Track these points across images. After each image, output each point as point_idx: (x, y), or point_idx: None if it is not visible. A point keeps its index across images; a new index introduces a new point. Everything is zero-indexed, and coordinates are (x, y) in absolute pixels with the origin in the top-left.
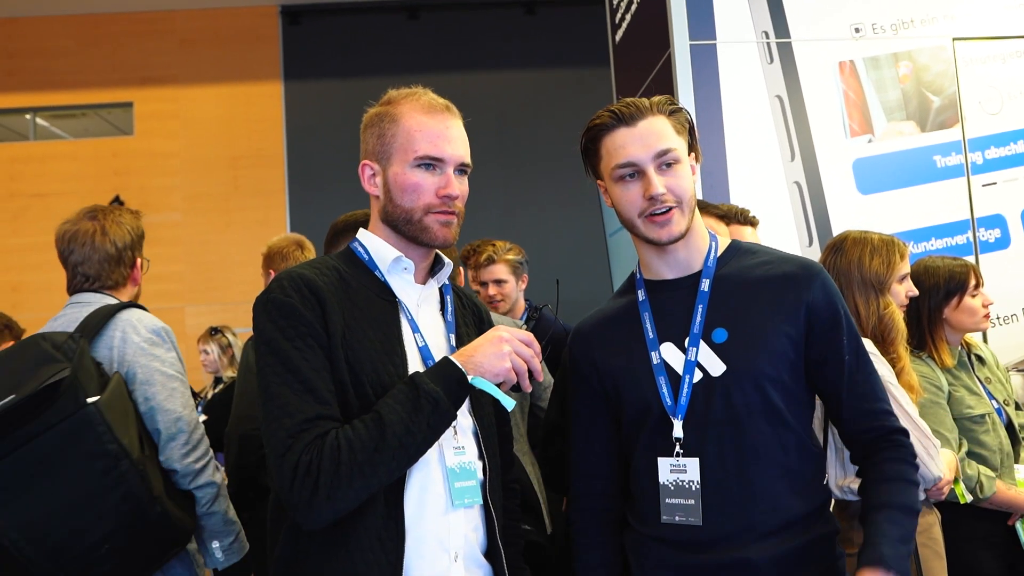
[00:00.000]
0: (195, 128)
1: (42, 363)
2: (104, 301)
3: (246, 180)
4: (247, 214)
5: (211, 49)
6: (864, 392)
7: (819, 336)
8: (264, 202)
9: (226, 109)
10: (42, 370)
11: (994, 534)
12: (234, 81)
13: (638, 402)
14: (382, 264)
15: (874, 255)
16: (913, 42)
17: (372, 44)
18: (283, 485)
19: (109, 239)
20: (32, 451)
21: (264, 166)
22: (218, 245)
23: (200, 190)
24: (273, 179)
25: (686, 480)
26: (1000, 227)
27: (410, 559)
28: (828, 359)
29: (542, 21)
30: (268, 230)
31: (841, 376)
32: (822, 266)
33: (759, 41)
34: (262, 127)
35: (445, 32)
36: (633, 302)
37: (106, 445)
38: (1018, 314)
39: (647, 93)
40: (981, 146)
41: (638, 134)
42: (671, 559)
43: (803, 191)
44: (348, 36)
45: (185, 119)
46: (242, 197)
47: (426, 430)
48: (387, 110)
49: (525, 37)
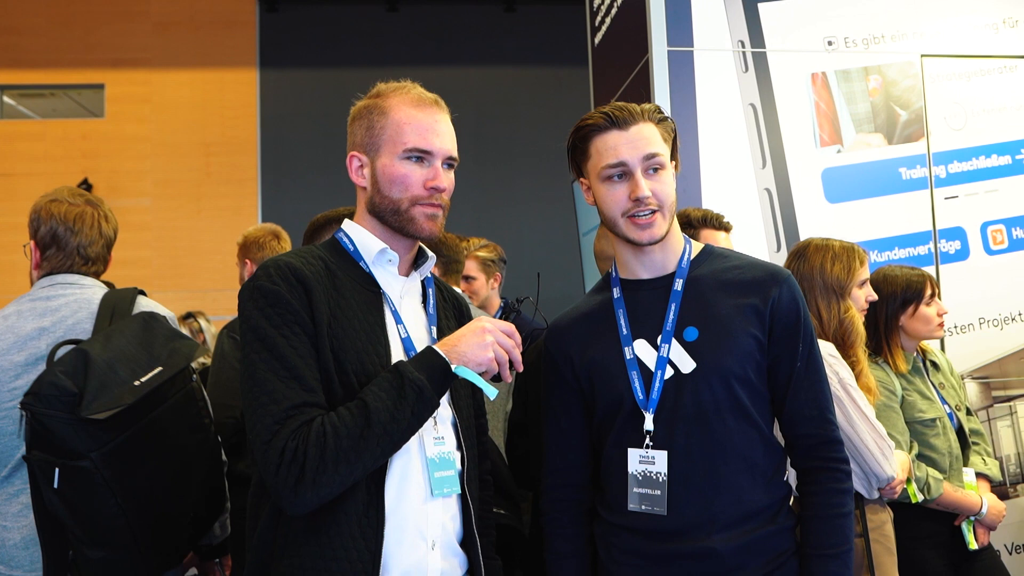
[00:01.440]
0: (167, 113)
1: (173, 338)
2: (96, 284)
3: (218, 167)
4: (218, 201)
5: (186, 33)
6: (809, 398)
7: (778, 339)
8: (236, 190)
9: (200, 94)
10: (179, 345)
11: (940, 533)
12: (209, 67)
13: (611, 396)
14: (367, 255)
15: (835, 261)
16: (883, 57)
17: (350, 35)
18: (268, 470)
19: (111, 226)
20: (152, 423)
21: (237, 153)
22: (188, 232)
23: (171, 176)
24: (245, 167)
25: (654, 471)
26: (960, 239)
27: (389, 546)
28: (781, 362)
29: (521, 19)
30: (239, 218)
31: (790, 380)
32: (791, 273)
33: (735, 50)
34: (236, 114)
35: (424, 26)
36: (608, 299)
37: (203, 419)
38: (975, 324)
39: (624, 96)
40: (945, 160)
41: (629, 137)
42: (638, 547)
43: (773, 198)
44: (326, 26)
45: (157, 103)
46: (214, 184)
47: (410, 418)
48: (376, 102)
49: (504, 34)
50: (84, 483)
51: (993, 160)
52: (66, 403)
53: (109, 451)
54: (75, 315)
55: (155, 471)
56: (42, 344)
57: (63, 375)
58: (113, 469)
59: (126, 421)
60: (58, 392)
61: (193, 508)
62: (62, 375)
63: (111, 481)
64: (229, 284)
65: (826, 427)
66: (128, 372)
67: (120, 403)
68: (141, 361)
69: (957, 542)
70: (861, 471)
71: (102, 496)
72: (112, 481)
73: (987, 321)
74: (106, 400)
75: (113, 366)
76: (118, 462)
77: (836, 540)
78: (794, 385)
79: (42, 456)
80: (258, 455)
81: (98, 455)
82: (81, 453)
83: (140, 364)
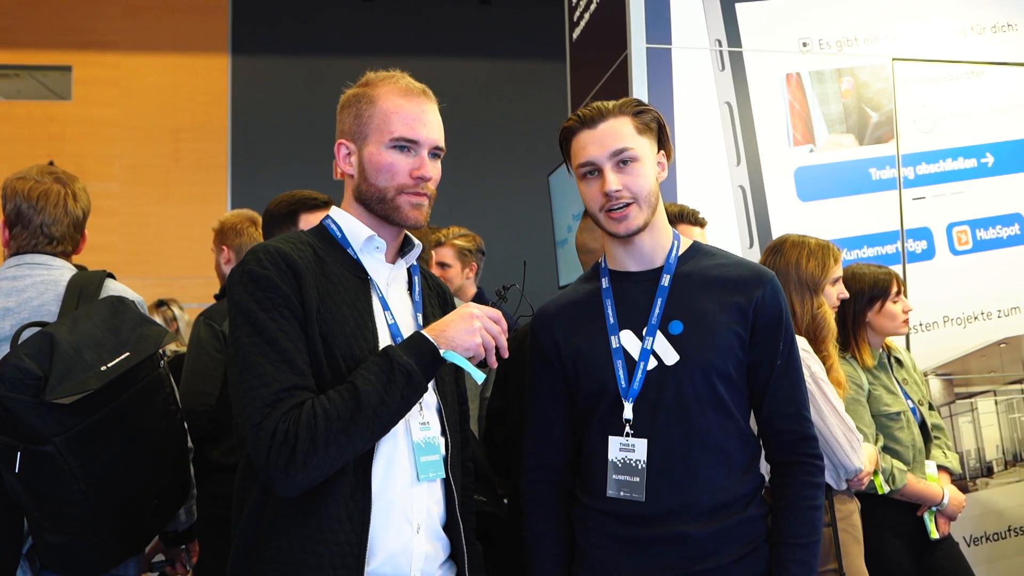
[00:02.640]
0: (136, 97)
1: (141, 323)
2: (65, 265)
3: (188, 153)
4: (187, 188)
5: (157, 17)
6: (787, 395)
7: (759, 337)
8: (206, 176)
9: (170, 79)
10: (147, 331)
11: (904, 523)
12: (179, 51)
13: (595, 383)
14: (355, 242)
15: (810, 258)
16: (856, 59)
17: (324, 24)
18: (259, 452)
19: (79, 205)
20: (117, 408)
21: (207, 140)
22: (156, 218)
23: (139, 161)
24: (216, 153)
25: (633, 459)
26: (927, 239)
27: (376, 530)
28: (762, 359)
29: (496, 11)
30: (209, 205)
31: (769, 377)
32: (774, 274)
33: (712, 49)
34: (207, 100)
35: (398, 16)
36: (597, 289)
37: (170, 405)
38: (939, 322)
39: (602, 91)
40: (913, 162)
41: (597, 136)
42: (616, 531)
43: (747, 195)
44: (300, 14)
45: (126, 87)
46: (183, 171)
47: (399, 401)
48: (365, 91)
49: (478, 27)
50: (47, 468)
51: (959, 163)
52: (30, 386)
53: (73, 436)
54: (41, 296)
55: (120, 457)
56: (6, 325)
57: (28, 358)
58: (77, 455)
59: (92, 406)
60: (22, 375)
61: (158, 495)
62: (27, 358)
63: (75, 467)
64: (198, 271)
65: (802, 424)
66: (95, 357)
67: (86, 388)
68: (108, 346)
69: (919, 532)
70: (830, 463)
71: (65, 482)
72: (76, 467)
73: (951, 320)
74: (72, 385)
75: (79, 350)
76: (82, 448)
77: (806, 531)
78: (773, 383)
79: (4, 440)
80: (248, 437)
81: (62, 440)
82: (45, 438)
83: (107, 349)
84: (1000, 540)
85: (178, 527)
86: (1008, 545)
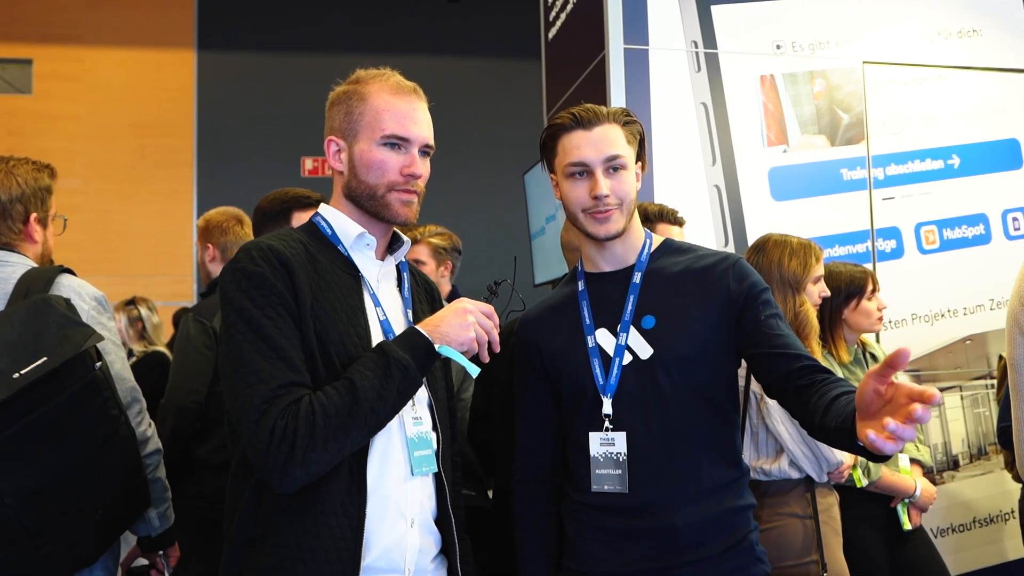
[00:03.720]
0: (99, 92)
1: (66, 326)
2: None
3: (152, 149)
4: (152, 185)
5: (121, 10)
6: (787, 343)
7: (739, 312)
8: (171, 173)
9: (134, 74)
10: (71, 333)
11: (878, 515)
12: (144, 46)
13: (575, 382)
14: (346, 239)
15: (792, 257)
16: (828, 62)
17: (292, 20)
18: (258, 449)
19: (6, 188)
20: (43, 416)
21: (172, 136)
22: (120, 215)
23: (103, 157)
24: (181, 150)
25: (614, 452)
26: (896, 239)
27: (371, 524)
28: (748, 324)
29: (464, 9)
30: (174, 202)
31: (761, 335)
32: (740, 256)
33: (688, 50)
34: (172, 96)
35: (366, 13)
36: (574, 291)
37: (110, 411)
38: (908, 319)
39: (579, 91)
40: (883, 163)
41: (592, 138)
42: (605, 524)
43: (722, 194)
44: (267, 9)
45: (89, 82)
46: (148, 167)
47: (395, 396)
48: (355, 88)
49: (447, 24)
50: None
51: (927, 164)
52: None
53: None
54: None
55: (52, 469)
56: None
57: None
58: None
59: (9, 417)
60: None
61: (103, 506)
62: None
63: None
64: (162, 269)
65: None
66: (7, 363)
67: None
68: (25, 351)
69: (893, 523)
70: (813, 456)
71: None
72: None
73: (919, 317)
74: None
75: None
76: (3, 461)
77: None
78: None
79: None
80: (245, 434)
81: None
82: None
83: (23, 355)
84: (966, 531)
85: (151, 532)
86: (973, 536)
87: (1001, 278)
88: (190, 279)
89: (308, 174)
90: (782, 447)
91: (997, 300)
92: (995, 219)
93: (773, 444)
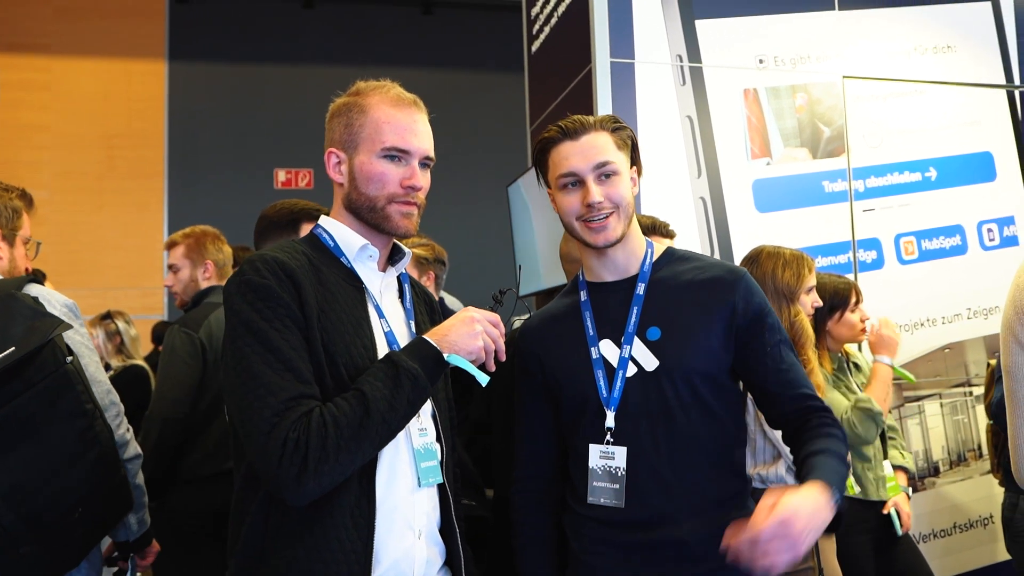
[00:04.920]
0: (68, 102)
1: (33, 317)
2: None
3: (122, 160)
4: (122, 196)
5: (90, 20)
6: (789, 379)
7: (743, 332)
8: (141, 185)
9: (104, 85)
10: (38, 324)
11: (867, 520)
12: (114, 56)
13: (577, 394)
14: (348, 251)
15: (786, 268)
16: (809, 76)
17: (263, 30)
18: (270, 462)
19: None
20: (14, 412)
21: (143, 147)
22: (89, 227)
23: (71, 168)
24: (152, 161)
25: (613, 466)
26: (876, 250)
27: (380, 536)
28: (752, 352)
29: (438, 22)
30: (144, 214)
31: (766, 367)
32: (746, 270)
33: (673, 64)
34: (142, 106)
35: (340, 24)
36: (576, 302)
37: (84, 405)
38: None
39: (564, 103)
40: (863, 175)
41: (580, 147)
42: (608, 537)
43: (707, 206)
44: (239, 20)
45: (58, 91)
46: (117, 178)
47: (406, 406)
48: (356, 100)
49: (421, 36)
50: None
51: (906, 176)
52: None
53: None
54: None
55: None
56: None
57: None
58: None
59: None
60: None
61: (81, 502)
62: None
63: None
64: (132, 282)
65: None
66: None
67: None
68: None
69: (881, 528)
70: None
71: None
72: None
73: (899, 327)
74: None
75: None
76: None
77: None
78: (773, 370)
79: None
80: (256, 448)
81: None
82: None
83: None
84: (947, 536)
85: (130, 536)
86: (955, 541)
87: (977, 287)
88: (161, 292)
89: (281, 186)
90: (779, 453)
91: (974, 309)
92: (971, 230)
93: (770, 450)
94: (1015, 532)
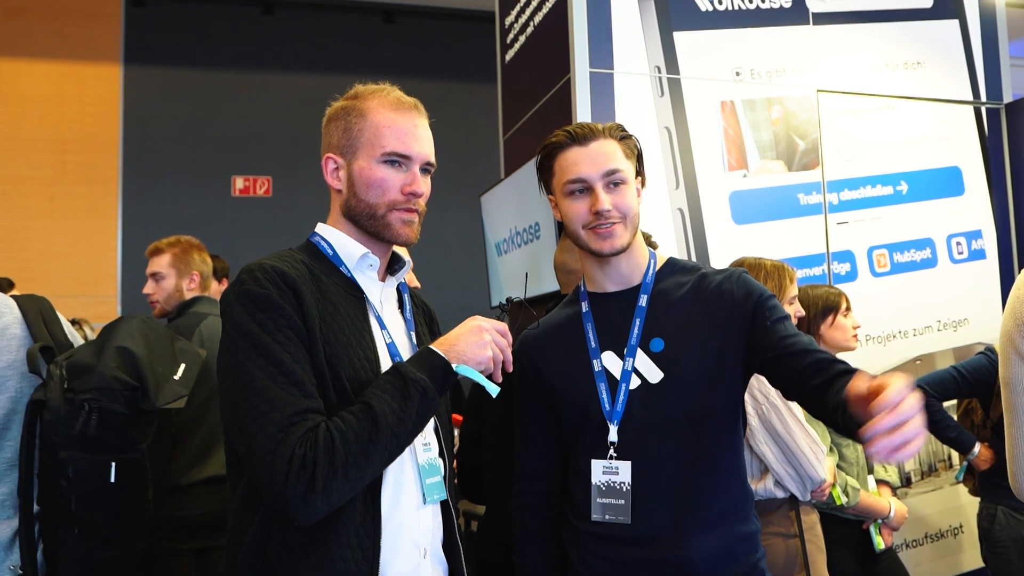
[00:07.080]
0: (17, 104)
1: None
2: None
3: (75, 165)
4: (74, 202)
5: (42, 22)
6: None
7: (748, 319)
8: (95, 190)
9: (56, 88)
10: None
11: (850, 536)
12: (67, 59)
13: (578, 407)
14: (348, 260)
15: (768, 278)
16: (784, 89)
17: (223, 36)
18: (275, 480)
19: None
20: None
21: (96, 152)
22: (40, 232)
23: (21, 172)
24: (106, 166)
25: (617, 481)
26: (850, 261)
27: (386, 555)
28: (759, 329)
29: (400, 31)
30: (97, 220)
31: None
32: (742, 269)
33: (652, 75)
34: (96, 111)
35: (300, 31)
36: (577, 313)
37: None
38: (862, 340)
39: (541, 113)
40: (837, 188)
41: (589, 154)
42: (611, 554)
43: (685, 218)
44: (197, 25)
45: (7, 94)
46: (69, 183)
47: (415, 418)
48: (354, 104)
49: (382, 45)
50: (134, 475)
51: (878, 190)
52: (128, 397)
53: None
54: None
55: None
56: None
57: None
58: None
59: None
60: (122, 387)
61: None
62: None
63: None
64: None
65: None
66: (165, 369)
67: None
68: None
69: (864, 544)
70: (796, 474)
71: (143, 487)
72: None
73: (872, 338)
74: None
75: (153, 363)
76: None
77: None
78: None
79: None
80: (259, 465)
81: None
82: (135, 445)
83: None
84: (918, 547)
85: None
86: (924, 551)
87: (947, 300)
88: (114, 300)
89: (239, 193)
90: (766, 467)
91: (944, 321)
92: (940, 243)
93: (758, 464)
94: (993, 543)
